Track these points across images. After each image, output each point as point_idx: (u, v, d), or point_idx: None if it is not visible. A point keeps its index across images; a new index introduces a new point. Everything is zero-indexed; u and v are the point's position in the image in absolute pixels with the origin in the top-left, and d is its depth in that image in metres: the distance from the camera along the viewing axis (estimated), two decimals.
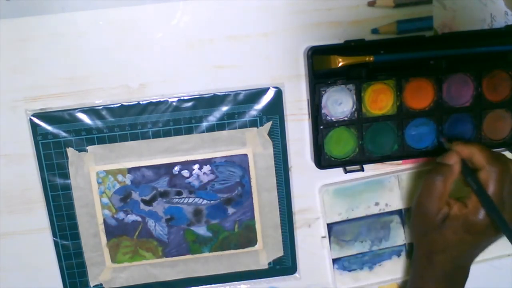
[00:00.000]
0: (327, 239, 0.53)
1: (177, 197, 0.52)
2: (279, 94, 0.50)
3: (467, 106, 0.49)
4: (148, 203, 0.51)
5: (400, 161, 0.53)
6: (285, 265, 0.54)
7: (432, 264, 0.46)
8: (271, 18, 0.49)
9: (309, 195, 0.53)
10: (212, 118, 0.50)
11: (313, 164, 0.50)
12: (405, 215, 0.53)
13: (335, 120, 0.49)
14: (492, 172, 0.43)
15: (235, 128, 0.50)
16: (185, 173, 0.51)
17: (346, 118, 0.49)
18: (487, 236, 0.44)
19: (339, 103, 0.48)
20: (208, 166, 0.51)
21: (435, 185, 0.44)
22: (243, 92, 0.50)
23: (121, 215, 0.52)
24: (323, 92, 0.48)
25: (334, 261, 0.53)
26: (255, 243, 0.53)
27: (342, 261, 0.53)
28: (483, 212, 0.43)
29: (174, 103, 0.50)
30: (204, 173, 0.51)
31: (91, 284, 0.53)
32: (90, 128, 0.50)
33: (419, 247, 0.48)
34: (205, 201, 0.52)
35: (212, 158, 0.51)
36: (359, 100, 0.48)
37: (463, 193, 0.45)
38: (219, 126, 0.50)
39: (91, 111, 0.49)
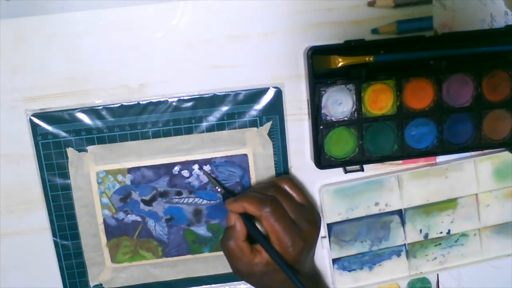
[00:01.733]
0: (327, 239, 0.53)
1: (177, 197, 0.52)
2: (279, 94, 0.50)
3: (467, 106, 0.49)
4: (148, 203, 0.51)
5: (400, 161, 0.53)
6: None
7: None
8: (271, 18, 0.49)
9: (309, 195, 0.53)
10: (212, 118, 0.50)
11: (313, 164, 0.50)
12: (405, 216, 0.53)
13: (335, 120, 0.49)
14: (268, 214, 0.44)
15: (235, 128, 0.50)
16: (185, 173, 0.51)
17: (346, 118, 0.49)
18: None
19: (339, 103, 0.48)
20: (208, 166, 0.51)
21: (231, 248, 0.46)
22: (243, 92, 0.50)
23: (121, 215, 0.52)
24: (323, 92, 0.48)
25: (334, 261, 0.53)
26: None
27: (342, 261, 0.53)
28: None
29: (174, 103, 0.50)
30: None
31: (91, 284, 0.53)
32: (90, 128, 0.50)
33: None
34: (205, 201, 0.52)
35: (212, 158, 0.51)
36: (359, 100, 0.48)
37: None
38: (219, 126, 0.50)
39: (91, 111, 0.49)
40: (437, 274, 0.55)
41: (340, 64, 0.47)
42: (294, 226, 0.45)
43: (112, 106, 0.49)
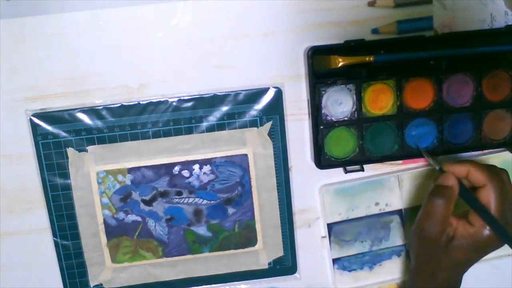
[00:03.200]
0: (327, 239, 0.53)
1: (177, 197, 0.52)
2: (279, 94, 0.50)
3: (467, 106, 0.49)
4: (148, 203, 0.51)
5: (400, 161, 0.53)
6: (285, 265, 0.54)
7: (436, 281, 0.45)
8: (271, 18, 0.49)
9: (309, 195, 0.53)
10: (212, 118, 0.50)
11: (313, 164, 0.50)
12: (405, 216, 0.53)
13: (335, 120, 0.49)
14: (492, 189, 0.43)
15: (235, 128, 0.50)
16: (185, 173, 0.51)
17: (346, 118, 0.49)
18: (493, 249, 0.44)
19: (339, 103, 0.48)
20: (208, 166, 0.51)
21: (437, 208, 0.43)
22: (243, 92, 0.50)
23: (121, 215, 0.52)
24: (323, 92, 0.48)
25: (334, 261, 0.53)
26: (255, 243, 0.53)
27: (342, 261, 0.53)
28: (489, 230, 0.43)
29: (174, 103, 0.50)
30: (204, 173, 0.51)
31: (91, 284, 0.53)
32: (90, 128, 0.50)
33: (421, 265, 0.46)
34: (205, 201, 0.52)
35: (212, 158, 0.51)
36: (359, 100, 0.48)
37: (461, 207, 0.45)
38: (219, 126, 0.50)
39: (91, 111, 0.49)
40: None
41: (340, 64, 0.47)
42: (505, 216, 0.43)
43: (112, 106, 0.49)
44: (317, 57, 0.47)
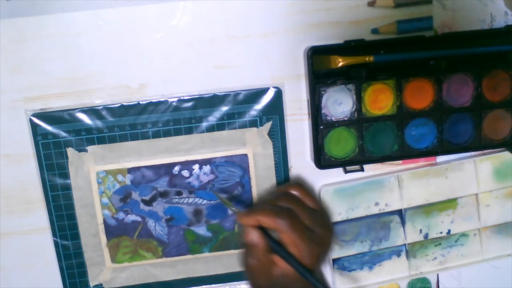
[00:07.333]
0: None
1: (177, 197, 0.52)
2: (279, 94, 0.50)
3: (467, 106, 0.50)
4: (148, 203, 0.51)
5: (400, 161, 0.53)
6: None
7: None
8: (271, 18, 0.49)
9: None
10: (212, 118, 0.50)
11: (313, 164, 0.50)
12: (405, 216, 0.53)
13: (335, 120, 0.49)
14: (285, 227, 0.43)
15: (235, 128, 0.50)
16: (185, 173, 0.51)
17: (346, 118, 0.49)
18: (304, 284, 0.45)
19: (339, 103, 0.48)
20: (208, 166, 0.51)
21: (254, 266, 0.44)
22: (243, 92, 0.50)
23: (121, 215, 0.52)
24: (323, 92, 0.48)
25: (334, 261, 0.53)
26: None
27: (342, 261, 0.53)
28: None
29: (174, 103, 0.50)
30: (204, 173, 0.51)
31: (91, 284, 0.53)
32: (90, 128, 0.50)
33: None
34: (205, 201, 0.52)
35: (212, 158, 0.51)
36: (359, 100, 0.48)
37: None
38: (219, 126, 0.50)
39: (91, 111, 0.49)
40: (437, 274, 0.55)
41: (340, 64, 0.47)
42: (310, 234, 0.44)
43: (112, 106, 0.49)
44: (317, 57, 0.47)
